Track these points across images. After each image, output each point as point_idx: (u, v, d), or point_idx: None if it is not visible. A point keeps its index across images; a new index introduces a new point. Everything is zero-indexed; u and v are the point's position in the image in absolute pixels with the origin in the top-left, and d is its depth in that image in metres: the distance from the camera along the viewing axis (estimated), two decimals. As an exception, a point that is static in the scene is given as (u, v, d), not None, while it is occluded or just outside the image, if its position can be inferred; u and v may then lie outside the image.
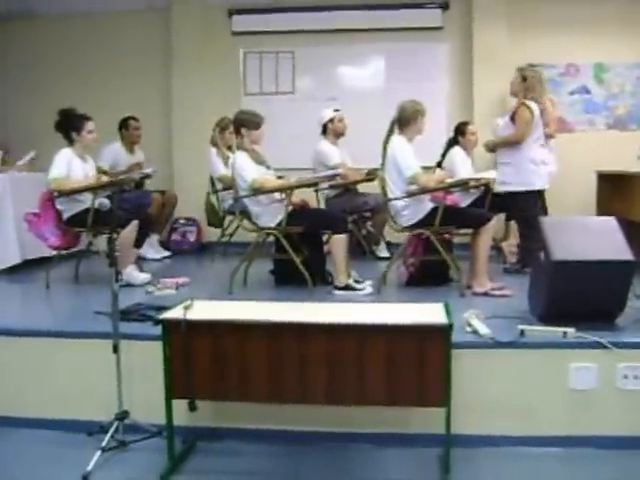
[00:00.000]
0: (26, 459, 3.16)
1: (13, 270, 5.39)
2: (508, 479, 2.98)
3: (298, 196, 4.78)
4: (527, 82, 5.27)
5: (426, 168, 4.86)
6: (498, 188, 5.31)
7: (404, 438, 3.22)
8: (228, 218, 6.12)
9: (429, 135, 4.71)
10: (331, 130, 6.07)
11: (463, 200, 5.75)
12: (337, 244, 4.54)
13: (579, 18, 6.76)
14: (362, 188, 6.16)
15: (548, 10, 6.79)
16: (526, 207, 5.14)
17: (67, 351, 3.47)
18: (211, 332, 2.90)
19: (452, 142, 6.08)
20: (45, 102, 6.68)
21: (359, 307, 3.66)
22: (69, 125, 4.86)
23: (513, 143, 5.19)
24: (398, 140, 4.58)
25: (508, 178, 5.18)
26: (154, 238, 6.28)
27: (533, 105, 5.17)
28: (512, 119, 5.23)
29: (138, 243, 5.01)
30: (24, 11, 7.17)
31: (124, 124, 6.51)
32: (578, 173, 6.35)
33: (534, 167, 5.18)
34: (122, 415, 3.08)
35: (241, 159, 4.61)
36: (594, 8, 6.74)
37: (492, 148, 5.51)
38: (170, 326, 2.90)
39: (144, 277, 4.88)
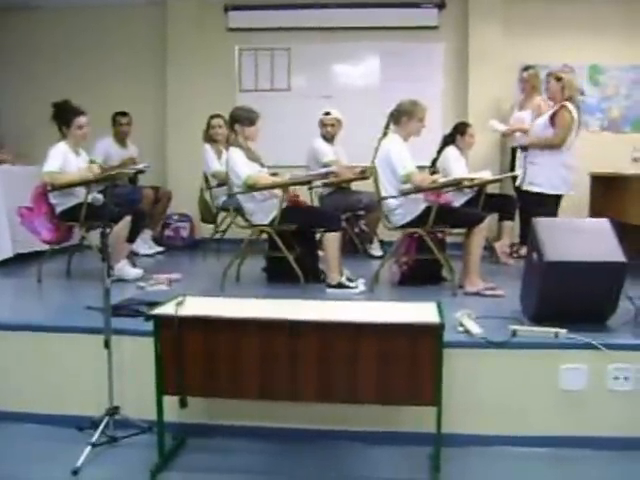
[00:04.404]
0: (15, 454, 3.15)
1: (5, 264, 5.37)
2: (498, 479, 2.98)
3: (290, 191, 4.77)
4: (563, 81, 5.19)
5: (421, 167, 4.86)
6: (526, 187, 5.32)
7: (395, 436, 3.22)
8: (221, 214, 6.12)
9: (423, 134, 4.71)
10: (321, 132, 6.11)
11: (456, 200, 5.76)
12: (330, 242, 4.54)
13: (575, 19, 6.78)
14: (356, 186, 6.16)
15: (544, 11, 6.82)
16: (546, 209, 5.03)
17: (58, 346, 3.46)
18: (203, 328, 2.90)
19: (447, 140, 6.09)
20: (39, 95, 6.66)
21: (351, 305, 3.66)
22: (60, 119, 4.84)
23: (552, 145, 5.18)
24: (393, 139, 4.59)
25: (538, 179, 5.21)
26: (147, 233, 6.27)
27: (573, 109, 5.14)
28: (552, 120, 5.18)
29: (131, 238, 4.99)
30: (19, 3, 7.12)
31: (113, 119, 6.51)
32: (571, 174, 6.37)
33: (565, 172, 5.21)
34: (113, 410, 3.07)
35: (235, 155, 4.60)
36: (590, 10, 6.76)
37: (525, 147, 5.48)
38: (162, 322, 2.89)
39: (136, 272, 4.87)
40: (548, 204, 5.16)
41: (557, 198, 5.27)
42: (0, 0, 7.00)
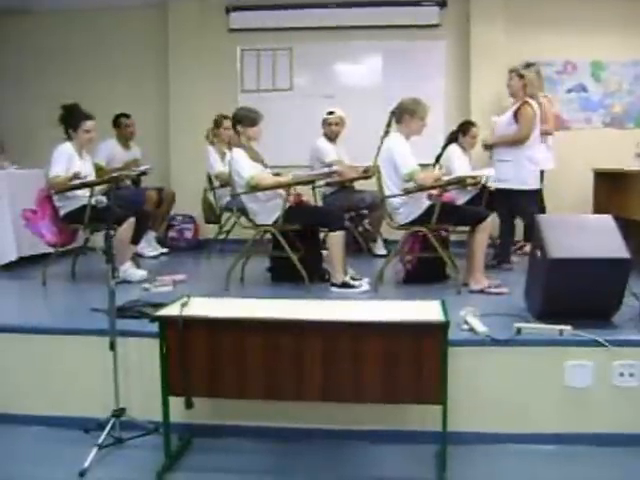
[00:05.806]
0: (22, 456, 3.16)
1: (10, 267, 5.38)
2: (504, 476, 2.98)
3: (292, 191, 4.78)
4: (525, 79, 5.29)
5: (423, 165, 4.86)
6: (495, 185, 5.29)
7: (401, 435, 3.23)
8: (225, 215, 6.12)
9: (425, 132, 4.70)
10: (324, 131, 6.11)
11: (460, 197, 5.75)
12: (334, 241, 4.54)
13: (577, 16, 6.76)
14: (359, 185, 6.16)
15: (545, 7, 6.80)
16: (526, 205, 5.13)
17: (64, 348, 3.47)
18: (208, 329, 2.90)
19: (451, 138, 6.09)
20: (41, 98, 6.72)
21: (356, 304, 3.66)
22: (68, 121, 4.85)
23: (517, 141, 5.19)
24: (395, 137, 4.58)
25: (506, 176, 5.17)
26: (151, 235, 6.28)
27: (534, 103, 5.21)
28: (515, 117, 5.21)
29: (135, 240, 5.00)
30: (20, 6, 7.13)
31: (116, 121, 6.52)
32: (575, 171, 6.37)
33: (531, 166, 5.22)
34: (119, 412, 3.08)
35: (238, 156, 4.61)
36: (592, 6, 6.73)
37: (490, 145, 5.51)
38: (167, 323, 2.90)
39: (141, 274, 4.87)
40: (527, 200, 5.19)
41: (534, 193, 5.31)
42: (1, 4, 7.00)
